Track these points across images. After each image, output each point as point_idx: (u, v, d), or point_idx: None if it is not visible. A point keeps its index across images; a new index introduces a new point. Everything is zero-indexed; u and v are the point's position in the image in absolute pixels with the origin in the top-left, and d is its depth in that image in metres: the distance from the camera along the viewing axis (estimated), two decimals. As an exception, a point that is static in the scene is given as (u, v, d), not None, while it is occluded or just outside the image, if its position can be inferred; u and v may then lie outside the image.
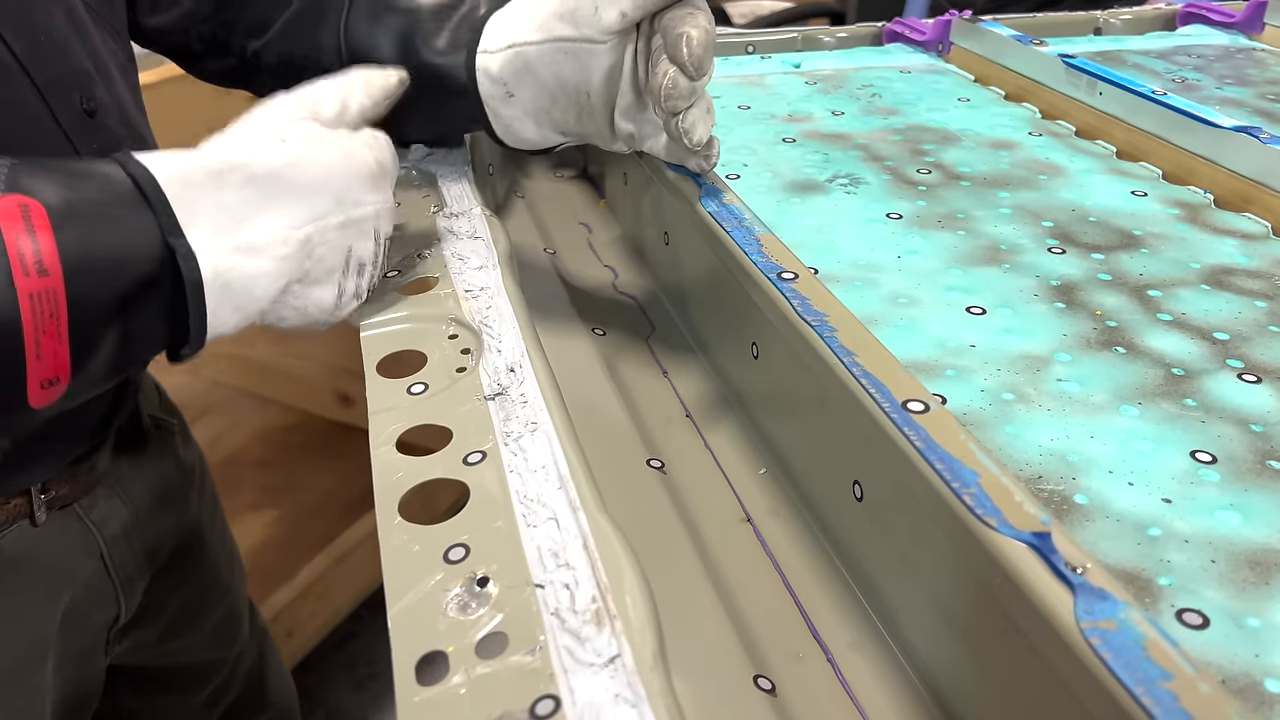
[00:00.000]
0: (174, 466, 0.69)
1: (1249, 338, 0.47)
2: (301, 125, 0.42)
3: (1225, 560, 0.34)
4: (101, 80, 0.51)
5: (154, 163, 0.37)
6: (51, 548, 0.57)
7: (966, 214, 0.59)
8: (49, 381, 0.35)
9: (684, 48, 0.43)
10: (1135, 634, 0.25)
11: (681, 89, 0.44)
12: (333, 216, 0.41)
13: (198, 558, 0.72)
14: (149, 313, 0.37)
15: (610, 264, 0.68)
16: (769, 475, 0.47)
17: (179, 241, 0.36)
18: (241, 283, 0.38)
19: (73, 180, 0.35)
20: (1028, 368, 0.44)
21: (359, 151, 0.42)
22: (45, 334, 0.34)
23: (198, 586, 0.72)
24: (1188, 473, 0.38)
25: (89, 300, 0.35)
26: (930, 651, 0.36)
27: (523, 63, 0.49)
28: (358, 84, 0.46)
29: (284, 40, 0.58)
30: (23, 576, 0.55)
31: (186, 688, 0.74)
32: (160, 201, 0.36)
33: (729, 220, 0.48)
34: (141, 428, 0.66)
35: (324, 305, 0.42)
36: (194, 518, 0.71)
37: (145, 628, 0.67)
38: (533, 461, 0.36)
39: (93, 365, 0.36)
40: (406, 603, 0.30)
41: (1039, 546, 0.28)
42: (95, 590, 0.60)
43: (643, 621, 0.29)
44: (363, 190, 0.42)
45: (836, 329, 0.39)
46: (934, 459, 0.32)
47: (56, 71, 0.48)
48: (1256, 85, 0.83)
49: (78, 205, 0.35)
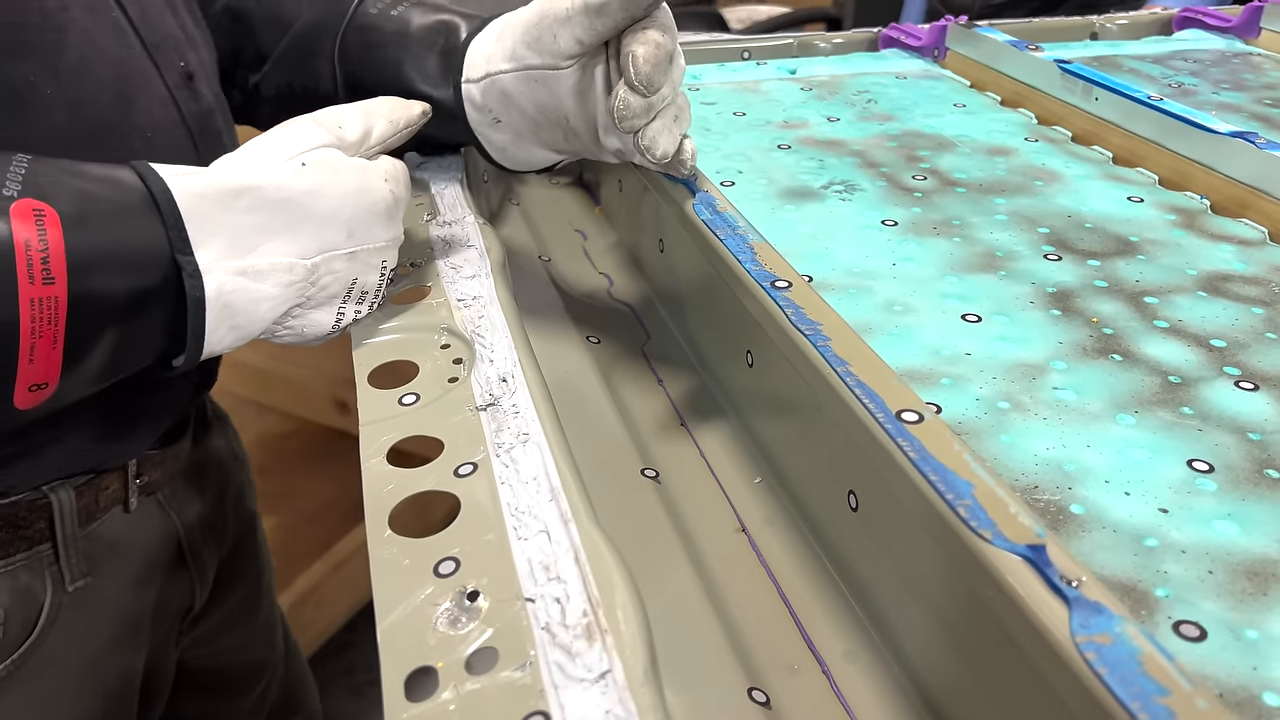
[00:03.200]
0: (233, 459, 0.72)
1: (1246, 345, 0.47)
2: (323, 152, 0.42)
3: (1223, 571, 0.34)
4: (192, 50, 0.54)
5: (171, 176, 0.37)
6: (140, 535, 0.59)
7: (962, 220, 0.59)
8: (37, 385, 0.35)
9: (630, 66, 0.42)
10: (1131, 648, 0.25)
11: (634, 107, 0.43)
12: (343, 248, 0.41)
13: (252, 550, 0.75)
14: (147, 324, 0.38)
15: (605, 271, 0.67)
16: (764, 485, 0.47)
17: (186, 259, 0.37)
18: (244, 305, 0.38)
19: (89, 185, 0.36)
20: (1023, 376, 0.44)
21: (376, 184, 0.42)
22: (41, 339, 0.34)
23: (253, 580, 0.75)
24: (1185, 482, 0.38)
25: (89, 308, 0.35)
26: (925, 663, 0.35)
27: (500, 90, 0.50)
28: (382, 111, 0.46)
29: (281, 71, 0.59)
30: (119, 561, 0.57)
31: (238, 689, 0.76)
32: (173, 216, 0.36)
33: (722, 228, 0.48)
34: (207, 418, 0.69)
35: (321, 328, 0.42)
36: (250, 509, 0.74)
37: (208, 620, 0.69)
38: (524, 473, 0.35)
39: (83, 371, 0.36)
40: (396, 617, 0.30)
41: (1034, 559, 0.28)
42: (175, 579, 0.63)
43: (634, 636, 0.28)
44: (376, 224, 0.42)
45: (830, 338, 0.39)
46: (928, 470, 0.31)
47: (160, 35, 0.51)
48: (1253, 90, 0.83)
49: (91, 213, 0.35)
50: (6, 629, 0.51)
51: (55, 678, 0.54)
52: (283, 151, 0.41)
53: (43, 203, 0.34)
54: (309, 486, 1.45)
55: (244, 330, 0.39)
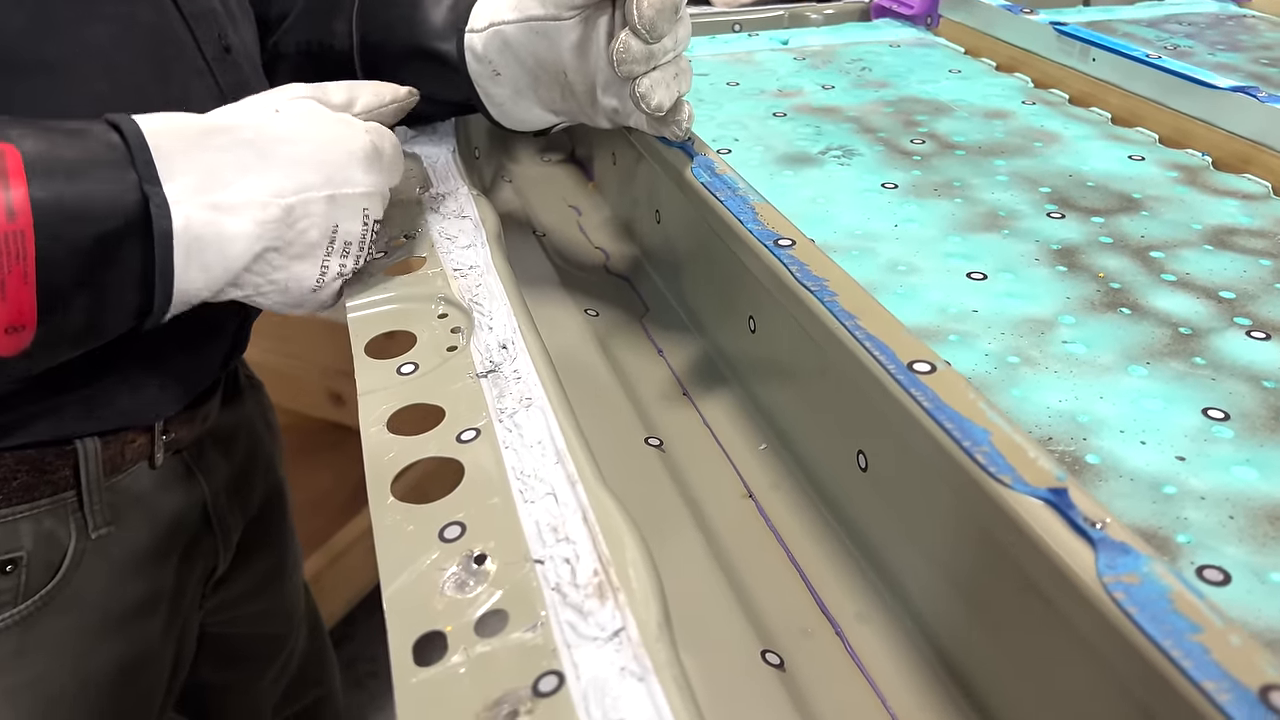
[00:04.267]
0: (264, 426, 0.72)
1: (1256, 296, 0.46)
2: (302, 101, 0.42)
3: (1244, 516, 0.33)
4: (231, 24, 0.54)
5: (145, 119, 0.37)
6: (165, 492, 0.59)
7: (963, 182, 0.58)
8: (14, 327, 0.35)
9: (634, 11, 0.42)
10: (1160, 587, 0.24)
11: (635, 52, 0.43)
12: (320, 190, 0.40)
13: (280, 517, 0.75)
14: (119, 268, 0.37)
15: (601, 246, 0.66)
16: (769, 450, 0.46)
17: (154, 190, 0.36)
18: (214, 239, 0.38)
19: (58, 135, 0.36)
20: (1032, 331, 0.43)
21: (356, 132, 0.42)
22: (11, 274, 0.34)
23: (280, 548, 0.75)
24: (1200, 430, 0.37)
25: (59, 248, 0.35)
26: (940, 620, 0.35)
27: (502, 41, 0.49)
28: (367, 86, 0.46)
29: (301, 27, 0.59)
30: (143, 515, 0.58)
31: (259, 660, 0.76)
32: (142, 152, 0.36)
33: (722, 190, 0.47)
34: (239, 382, 0.69)
35: (305, 282, 0.41)
36: (279, 477, 0.75)
37: (231, 585, 0.69)
38: (528, 437, 0.35)
39: (61, 318, 0.36)
40: (402, 583, 0.29)
41: (1056, 502, 0.27)
42: (200, 539, 0.63)
43: (646, 593, 0.28)
44: (355, 169, 0.42)
45: (837, 294, 0.38)
46: (943, 419, 0.31)
47: (200, 7, 0.51)
48: (1249, 51, 0.82)
49: (56, 155, 0.35)
50: (30, 571, 0.52)
51: (79, 619, 0.55)
52: (263, 102, 0.42)
53: (5, 144, 0.34)
54: (305, 479, 1.43)
55: (215, 271, 0.38)
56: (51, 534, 0.53)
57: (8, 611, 0.52)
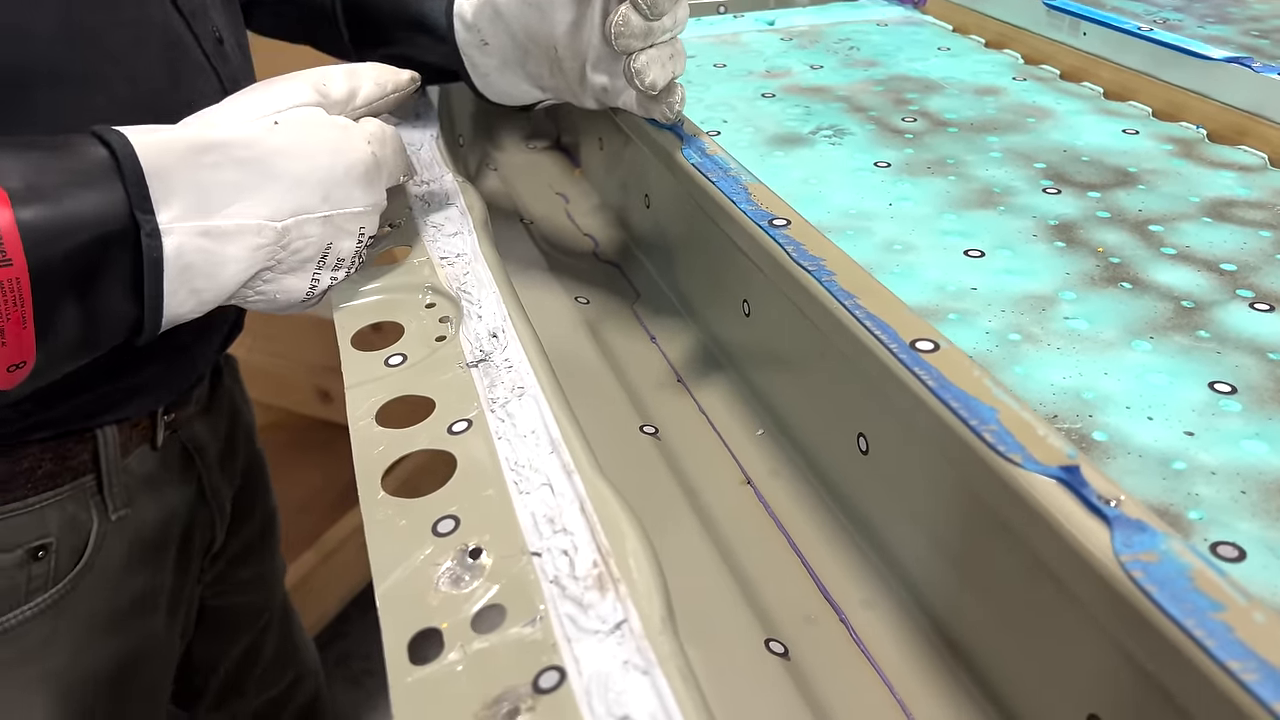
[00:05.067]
0: (242, 399, 0.73)
1: (1257, 267, 0.45)
2: (301, 110, 0.40)
3: (1256, 490, 0.32)
4: (215, 9, 0.54)
5: (134, 133, 0.35)
6: (168, 471, 0.61)
7: (956, 159, 0.57)
8: (15, 365, 0.34)
9: None
10: (1179, 564, 0.23)
11: (634, 26, 0.42)
12: (317, 211, 0.39)
13: (263, 488, 0.77)
14: (111, 290, 0.36)
15: (590, 233, 0.65)
16: (767, 436, 0.45)
17: (146, 218, 0.35)
18: (205, 268, 0.36)
19: (41, 157, 0.34)
20: (1033, 308, 0.43)
21: (357, 144, 0.40)
22: (10, 321, 0.33)
23: (263, 515, 0.77)
24: (1208, 404, 0.36)
25: (50, 280, 0.33)
26: (946, 604, 0.34)
27: (493, 10, 0.49)
28: (369, 74, 0.44)
29: None
30: (152, 494, 0.59)
31: (230, 631, 0.77)
32: (134, 174, 0.35)
33: (714, 171, 0.46)
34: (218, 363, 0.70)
35: (295, 294, 0.40)
36: (258, 449, 0.76)
37: (225, 556, 0.71)
38: (521, 427, 0.34)
39: (59, 345, 0.35)
40: (394, 579, 0.28)
41: (1068, 480, 0.26)
42: (198, 516, 0.65)
43: (648, 584, 0.27)
44: (354, 187, 0.40)
45: (835, 273, 0.37)
46: (948, 398, 0.30)
47: (195, 3, 0.51)
48: (1239, 23, 0.81)
49: (42, 183, 0.33)
50: (59, 555, 0.54)
51: (103, 601, 0.57)
52: (260, 108, 0.39)
53: None
54: (295, 476, 1.41)
55: (206, 295, 0.37)
56: (75, 518, 0.54)
57: (40, 597, 0.53)
